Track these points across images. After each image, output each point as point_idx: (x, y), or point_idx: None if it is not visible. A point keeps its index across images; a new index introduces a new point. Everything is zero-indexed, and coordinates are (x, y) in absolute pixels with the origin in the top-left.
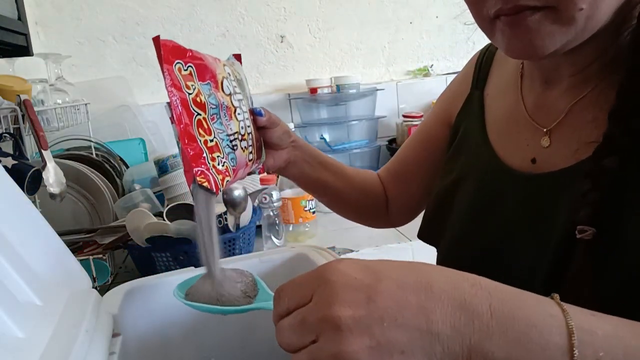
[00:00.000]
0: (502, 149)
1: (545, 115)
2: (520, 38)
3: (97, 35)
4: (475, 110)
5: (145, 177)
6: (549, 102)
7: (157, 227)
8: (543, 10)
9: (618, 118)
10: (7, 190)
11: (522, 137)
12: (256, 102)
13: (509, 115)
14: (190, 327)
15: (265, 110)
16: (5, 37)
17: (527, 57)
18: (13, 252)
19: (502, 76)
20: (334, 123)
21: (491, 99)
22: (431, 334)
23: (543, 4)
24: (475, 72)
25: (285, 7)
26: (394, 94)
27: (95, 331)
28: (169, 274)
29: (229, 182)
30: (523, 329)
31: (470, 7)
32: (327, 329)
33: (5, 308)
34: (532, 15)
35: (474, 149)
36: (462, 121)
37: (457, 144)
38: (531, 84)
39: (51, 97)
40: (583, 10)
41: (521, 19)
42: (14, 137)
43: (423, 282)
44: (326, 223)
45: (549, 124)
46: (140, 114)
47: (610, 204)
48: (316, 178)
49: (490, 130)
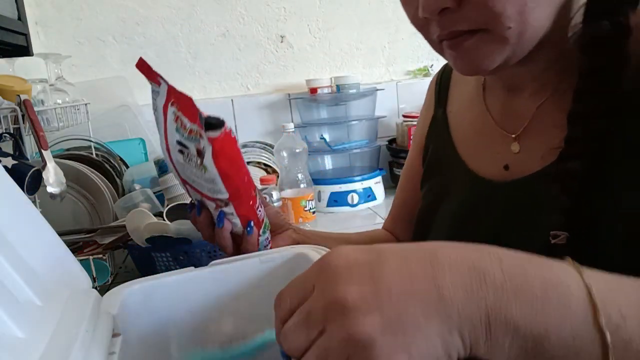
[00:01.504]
0: (473, 161)
1: (513, 121)
2: (463, 58)
3: (97, 35)
4: (441, 128)
5: (145, 177)
6: (515, 108)
7: (157, 227)
8: (478, 32)
9: (576, 121)
10: (7, 190)
11: (492, 146)
12: (256, 102)
13: (477, 127)
14: (190, 327)
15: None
16: (5, 37)
17: (474, 73)
18: (13, 252)
19: (463, 92)
20: (334, 123)
21: (455, 115)
22: (444, 301)
23: (476, 27)
24: (436, 92)
25: (285, 7)
26: (394, 94)
27: (95, 331)
28: (169, 274)
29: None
30: (540, 286)
31: (420, 32)
32: (333, 313)
33: (5, 308)
34: (468, 39)
35: (446, 167)
36: (430, 142)
37: (428, 164)
38: (495, 93)
39: (51, 97)
40: (512, 28)
41: (459, 42)
42: (14, 137)
43: (427, 252)
44: (326, 223)
45: (517, 130)
46: (140, 114)
47: (581, 207)
48: None
49: (459, 145)
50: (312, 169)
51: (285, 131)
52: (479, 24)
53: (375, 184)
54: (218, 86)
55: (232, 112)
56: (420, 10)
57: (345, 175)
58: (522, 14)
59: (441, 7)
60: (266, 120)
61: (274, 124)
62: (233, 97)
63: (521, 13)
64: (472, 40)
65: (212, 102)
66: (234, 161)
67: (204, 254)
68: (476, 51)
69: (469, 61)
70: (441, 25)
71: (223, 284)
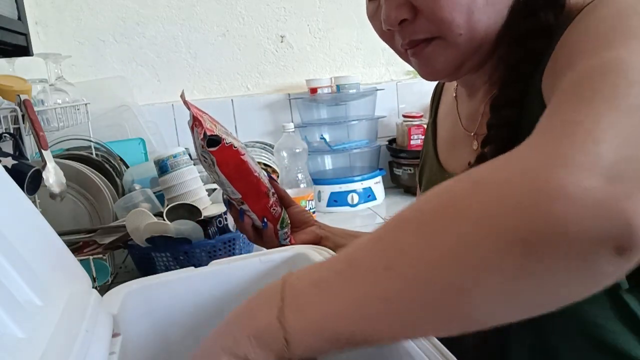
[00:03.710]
0: (447, 162)
1: (472, 122)
2: (424, 64)
3: (97, 35)
4: (429, 135)
5: (145, 177)
6: (473, 110)
7: (157, 227)
8: (434, 40)
9: (495, 109)
10: (7, 190)
11: (461, 147)
12: (256, 102)
13: (451, 132)
14: (190, 327)
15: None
16: (5, 37)
17: (435, 78)
18: (13, 252)
19: (446, 102)
20: (334, 123)
21: (440, 123)
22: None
23: (431, 35)
24: (432, 102)
25: (285, 7)
26: (394, 94)
27: (95, 331)
28: (169, 274)
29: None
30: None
31: (388, 44)
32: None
33: (5, 308)
34: (427, 46)
35: (429, 170)
36: (424, 147)
37: (421, 168)
38: (462, 99)
39: (51, 97)
40: (462, 34)
41: (420, 50)
42: (14, 137)
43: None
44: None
45: (474, 129)
46: (140, 114)
47: None
48: None
49: (439, 149)
50: (312, 169)
51: (285, 131)
52: (433, 33)
53: (375, 184)
54: (218, 86)
55: (232, 112)
56: (383, 24)
57: (345, 175)
58: (469, 21)
59: (400, 19)
60: (266, 120)
61: (274, 124)
62: (233, 97)
63: (468, 21)
64: (430, 48)
65: (212, 102)
66: (238, 168)
67: (204, 254)
68: (434, 57)
69: (431, 66)
70: (402, 35)
71: (223, 284)
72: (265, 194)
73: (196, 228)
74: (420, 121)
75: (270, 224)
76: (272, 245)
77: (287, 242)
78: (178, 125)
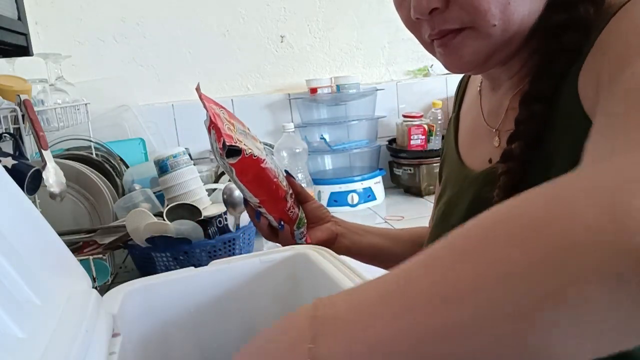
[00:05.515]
0: (467, 157)
1: (495, 117)
2: (452, 56)
3: (97, 35)
4: (451, 130)
5: (145, 177)
6: (496, 105)
7: (157, 227)
8: (464, 30)
9: (526, 104)
10: (7, 190)
11: (482, 142)
12: (256, 102)
13: (473, 126)
14: (190, 327)
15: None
16: (5, 37)
17: (461, 70)
18: (13, 252)
19: (470, 96)
20: (334, 123)
21: (463, 117)
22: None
23: (462, 25)
24: (456, 97)
25: (285, 7)
26: (394, 94)
27: (95, 331)
28: (169, 274)
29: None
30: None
31: (413, 34)
32: None
33: (5, 308)
34: (456, 36)
35: (449, 165)
36: (445, 143)
37: (441, 163)
38: (485, 94)
39: (51, 97)
40: (496, 25)
41: (448, 40)
42: (14, 137)
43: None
44: None
45: (497, 125)
46: (140, 114)
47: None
48: (367, 244)
49: (461, 144)
50: (312, 169)
51: (285, 131)
52: (464, 23)
53: (375, 184)
54: (218, 86)
55: (232, 112)
56: (412, 12)
57: (345, 175)
58: (505, 11)
59: (431, 7)
60: (266, 120)
61: (274, 124)
62: (233, 97)
63: (504, 11)
64: (459, 38)
65: None
66: (257, 176)
67: (204, 254)
68: (463, 48)
69: (459, 58)
70: (431, 25)
71: (223, 284)
72: (283, 199)
73: (196, 228)
74: (420, 121)
75: (287, 225)
76: (288, 243)
77: (303, 241)
78: (178, 125)
